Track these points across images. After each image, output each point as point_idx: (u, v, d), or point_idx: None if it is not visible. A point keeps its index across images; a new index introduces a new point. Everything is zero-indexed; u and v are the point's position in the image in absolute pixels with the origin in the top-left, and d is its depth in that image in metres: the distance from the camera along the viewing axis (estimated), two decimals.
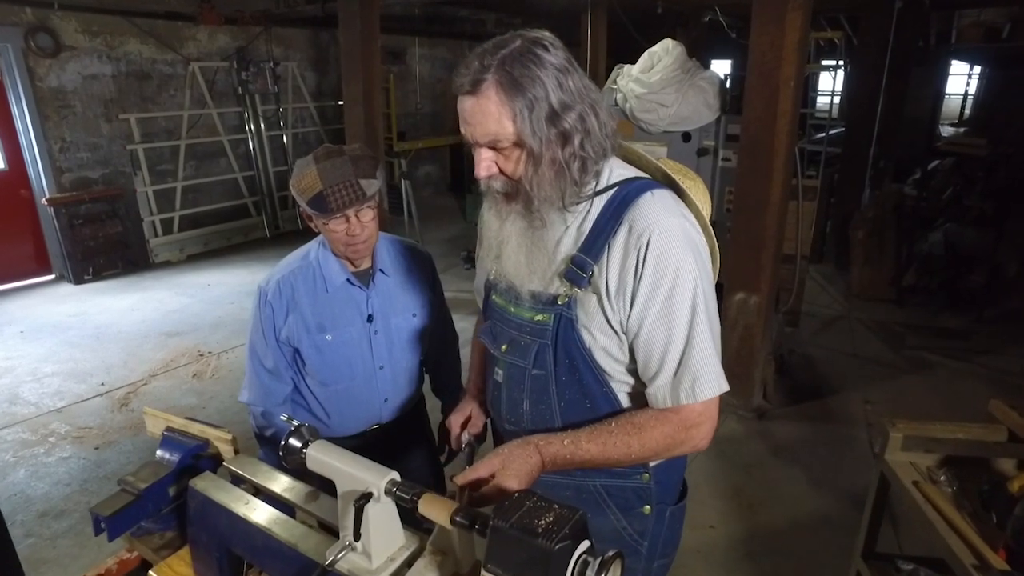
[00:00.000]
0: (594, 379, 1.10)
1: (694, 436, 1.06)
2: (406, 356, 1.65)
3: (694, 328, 1.03)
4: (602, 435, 1.04)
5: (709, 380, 1.04)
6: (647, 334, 1.05)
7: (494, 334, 1.23)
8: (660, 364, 1.05)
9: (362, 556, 1.00)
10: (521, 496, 0.83)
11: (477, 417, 1.32)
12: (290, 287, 1.54)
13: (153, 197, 6.42)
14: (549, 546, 0.75)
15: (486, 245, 1.17)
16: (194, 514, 1.25)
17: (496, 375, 1.22)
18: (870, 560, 1.76)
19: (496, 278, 1.22)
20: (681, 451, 1.07)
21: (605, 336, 1.08)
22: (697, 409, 1.05)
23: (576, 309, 1.08)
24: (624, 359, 1.10)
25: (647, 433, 1.04)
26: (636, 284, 1.03)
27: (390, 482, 0.96)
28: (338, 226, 1.45)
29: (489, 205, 1.12)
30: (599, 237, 1.06)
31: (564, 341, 1.09)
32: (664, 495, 1.21)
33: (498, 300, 1.22)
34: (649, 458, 1.07)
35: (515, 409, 1.19)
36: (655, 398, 1.07)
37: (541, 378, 1.13)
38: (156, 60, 6.32)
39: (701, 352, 1.03)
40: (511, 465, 0.98)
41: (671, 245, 1.02)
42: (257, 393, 1.58)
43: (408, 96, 9.21)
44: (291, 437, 1.06)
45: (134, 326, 4.88)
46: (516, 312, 1.17)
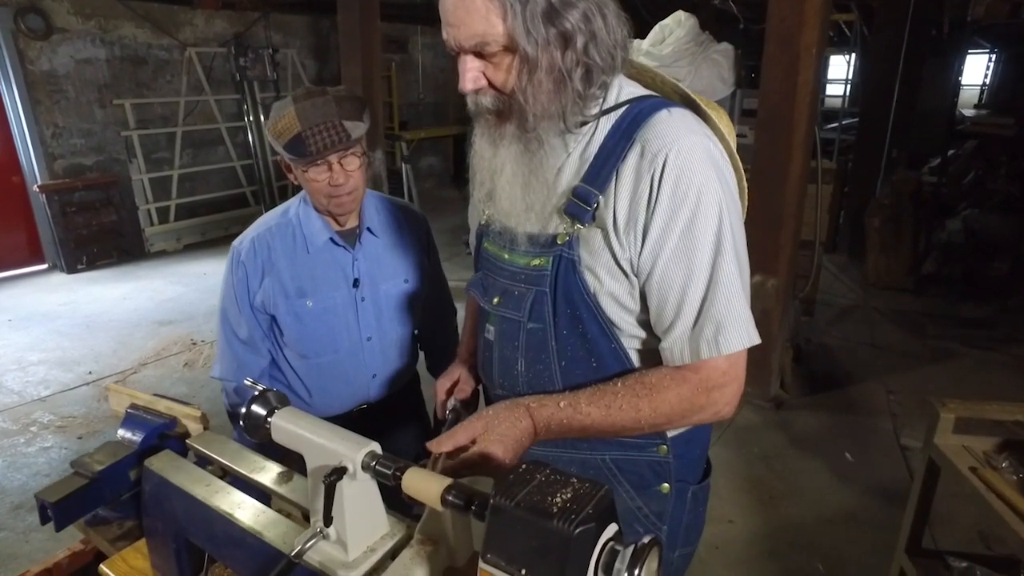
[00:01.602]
0: (600, 332, 0.93)
1: (716, 400, 0.88)
2: (396, 327, 1.48)
3: (719, 266, 0.86)
4: (605, 396, 0.87)
5: (736, 329, 0.86)
6: (662, 274, 0.87)
7: (485, 286, 1.06)
8: (677, 311, 0.87)
9: (336, 546, 0.83)
10: (529, 468, 0.66)
11: (466, 382, 1.14)
12: (266, 246, 1.37)
13: (149, 185, 6.27)
14: (567, 530, 0.57)
15: (478, 180, 1.00)
16: (149, 499, 1.08)
17: (487, 332, 1.05)
18: (915, 557, 1.57)
19: (489, 221, 1.05)
20: (700, 418, 0.90)
21: (613, 279, 0.90)
22: (720, 367, 0.87)
23: (578, 249, 0.91)
24: (635, 307, 0.92)
25: (660, 395, 0.86)
26: (650, 214, 0.86)
27: (368, 455, 0.79)
28: (319, 174, 1.28)
29: (480, 130, 0.95)
30: (606, 163, 0.89)
31: (565, 287, 0.92)
32: (685, 471, 1.03)
33: (490, 247, 1.06)
34: (661, 426, 0.89)
35: (508, 371, 1.02)
36: (671, 353, 0.89)
37: (538, 333, 0.96)
38: (151, 45, 6.16)
39: (727, 295, 0.85)
40: (496, 428, 0.81)
41: (692, 166, 0.85)
42: (230, 366, 1.41)
43: (410, 86, 9.04)
44: (254, 404, 0.89)
45: (126, 315, 4.73)
46: (510, 259, 1.00)
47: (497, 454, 0.79)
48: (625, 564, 0.58)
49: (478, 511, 0.69)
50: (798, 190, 3.16)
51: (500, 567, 0.61)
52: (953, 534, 2.35)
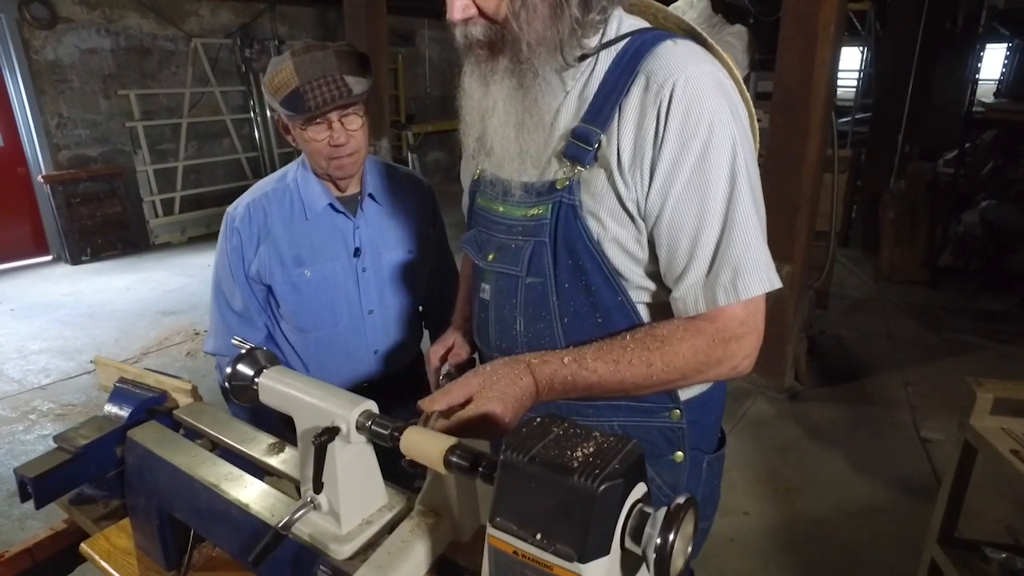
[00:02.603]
0: (605, 283, 0.85)
1: (734, 353, 0.80)
2: (400, 300, 1.40)
3: (734, 204, 0.78)
4: (613, 351, 0.79)
5: (756, 273, 0.78)
6: (672, 215, 0.79)
7: (479, 242, 0.98)
8: (689, 255, 0.80)
9: (328, 517, 0.75)
10: (544, 421, 0.58)
11: (461, 347, 1.07)
12: (262, 212, 1.29)
13: (153, 177, 6.23)
14: (590, 487, 0.49)
15: (467, 122, 0.91)
16: (132, 472, 1.01)
17: (482, 292, 0.97)
18: (949, 547, 1.48)
19: (480, 174, 0.98)
20: (717, 373, 0.82)
21: (617, 223, 0.83)
22: (738, 316, 0.79)
23: (579, 193, 0.83)
24: (643, 256, 0.85)
25: (673, 348, 0.78)
26: (657, 150, 0.78)
27: (363, 414, 0.71)
28: (319, 133, 1.21)
29: (470, 68, 0.87)
30: (608, 99, 0.82)
31: (566, 236, 0.84)
32: (700, 439, 0.96)
33: (483, 202, 0.98)
34: (675, 382, 0.81)
35: (506, 331, 0.94)
36: (683, 303, 0.82)
37: (538, 288, 0.88)
38: (157, 35, 6.12)
39: (744, 235, 0.78)
40: (495, 385, 0.74)
41: (702, 96, 0.77)
42: (224, 340, 1.33)
43: (417, 79, 8.97)
44: (240, 363, 0.81)
45: (129, 305, 4.69)
46: (505, 211, 0.92)
47: (496, 412, 0.71)
48: (657, 528, 0.50)
49: (486, 472, 0.61)
50: (815, 174, 3.06)
51: (511, 531, 0.53)
52: (979, 528, 2.25)
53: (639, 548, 0.52)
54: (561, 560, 0.50)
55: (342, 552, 0.72)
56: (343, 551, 0.72)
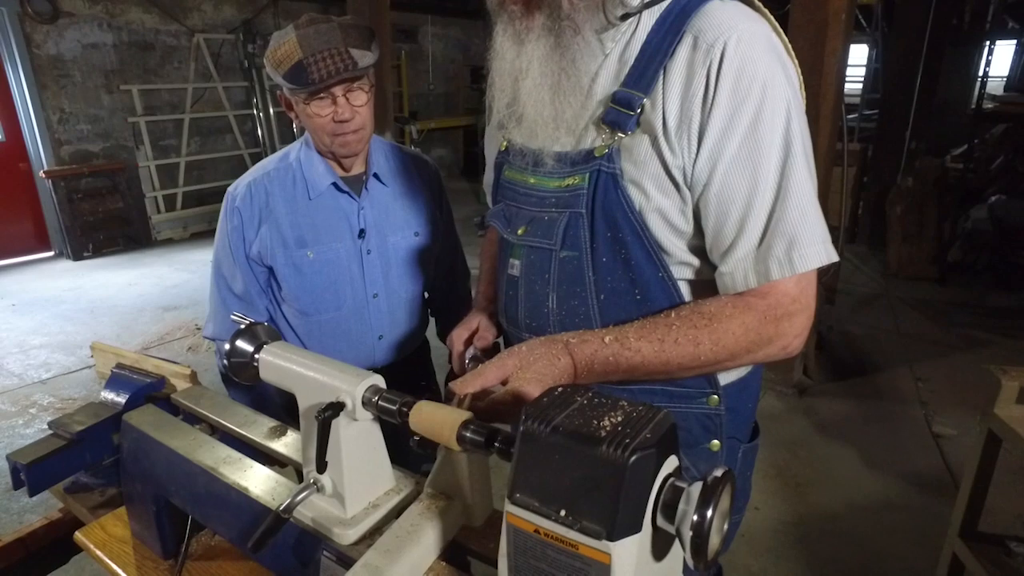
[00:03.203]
0: (646, 258, 0.80)
1: (785, 331, 0.75)
2: (406, 284, 1.36)
3: (789, 170, 0.73)
4: (658, 330, 0.74)
5: (812, 244, 0.73)
6: (722, 183, 0.75)
7: (508, 216, 0.93)
8: (740, 227, 0.75)
9: (332, 500, 0.71)
10: (568, 390, 0.54)
11: (486, 330, 1.01)
12: (263, 191, 1.25)
13: (156, 172, 6.20)
14: (620, 457, 0.45)
15: (498, 86, 0.87)
16: (128, 457, 0.97)
17: (511, 268, 0.92)
18: (971, 541, 1.44)
19: (509, 145, 0.93)
20: (767, 353, 0.77)
21: (662, 193, 0.78)
22: (790, 292, 0.75)
23: (620, 161, 0.79)
24: (687, 228, 0.80)
25: (722, 325, 0.74)
26: (706, 113, 0.74)
27: (370, 388, 0.67)
28: (322, 109, 1.17)
29: (503, 27, 0.83)
30: (651, 61, 0.77)
31: (605, 206, 0.80)
32: (736, 427, 0.91)
33: (511, 174, 0.93)
34: (723, 363, 0.76)
35: (537, 309, 0.89)
36: (732, 278, 0.77)
37: (573, 262, 0.84)
38: (159, 30, 6.09)
39: (800, 204, 0.73)
40: (532, 366, 0.69)
41: (755, 57, 0.73)
42: (223, 324, 1.29)
43: (420, 76, 8.93)
44: (240, 339, 0.77)
45: (131, 300, 4.65)
46: (536, 182, 0.88)
47: (533, 394, 0.66)
48: (693, 504, 0.46)
49: (502, 447, 0.57)
50: (825, 166, 3.01)
51: (532, 508, 0.48)
52: (998, 523, 2.20)
53: (672, 526, 0.48)
54: (588, 538, 0.46)
55: (347, 537, 0.68)
56: (348, 536, 0.68)
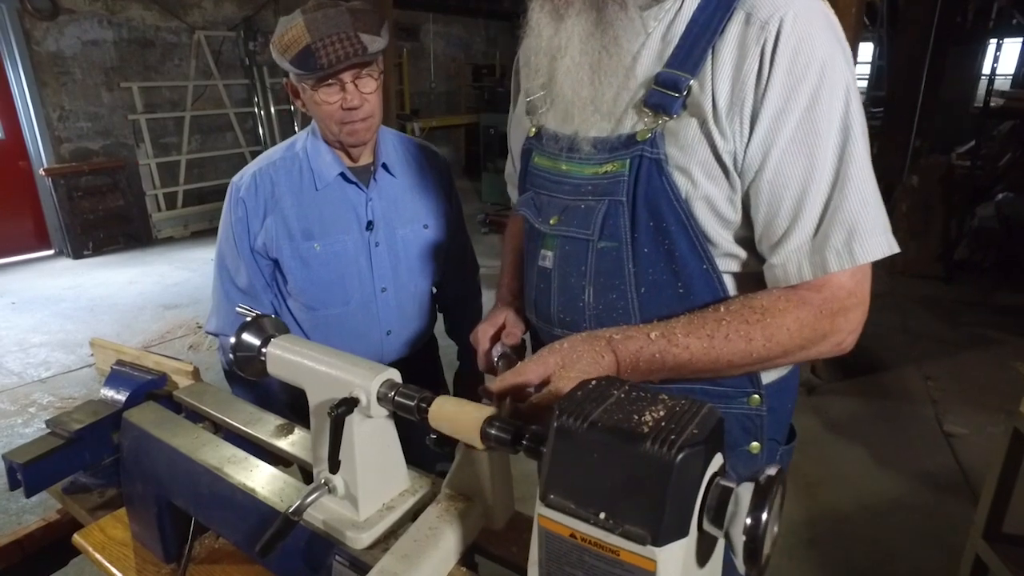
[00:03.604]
0: (691, 249, 0.76)
1: (840, 327, 0.72)
2: (415, 278, 1.32)
3: (848, 155, 0.69)
4: (707, 325, 0.70)
5: (874, 234, 0.70)
6: (776, 169, 0.71)
7: (538, 205, 0.89)
8: (794, 215, 0.71)
9: (344, 502, 0.68)
10: (603, 383, 0.50)
11: (513, 326, 0.95)
12: (268, 181, 1.22)
13: (156, 170, 6.15)
14: (666, 455, 0.41)
15: (532, 66, 0.84)
16: (128, 456, 0.94)
17: (542, 260, 0.88)
18: (995, 543, 1.40)
19: (539, 130, 0.89)
20: (819, 350, 0.73)
21: (709, 179, 0.74)
22: (846, 285, 0.71)
23: (665, 145, 0.75)
24: (735, 218, 0.76)
25: (776, 320, 0.69)
26: (759, 94, 0.70)
27: (386, 383, 0.63)
28: (331, 96, 1.13)
29: (539, 2, 0.79)
30: (698, 40, 0.73)
31: (648, 194, 0.75)
32: (775, 428, 0.87)
33: (542, 161, 0.89)
34: (774, 360, 0.72)
35: (572, 303, 0.85)
36: (784, 270, 0.73)
37: (612, 254, 0.79)
38: (159, 27, 6.05)
39: (861, 191, 0.69)
40: (575, 364, 0.65)
41: (812, 34, 0.69)
42: (227, 319, 1.26)
43: (421, 74, 8.89)
44: (246, 332, 0.74)
45: (131, 298, 4.62)
46: (569, 169, 0.84)
47: None
48: (745, 506, 0.42)
49: (530, 446, 0.53)
50: None
51: (568, 511, 0.45)
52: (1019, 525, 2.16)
53: (719, 529, 0.44)
54: (631, 543, 0.42)
55: (360, 541, 0.65)
56: (361, 539, 0.65)
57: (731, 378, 0.78)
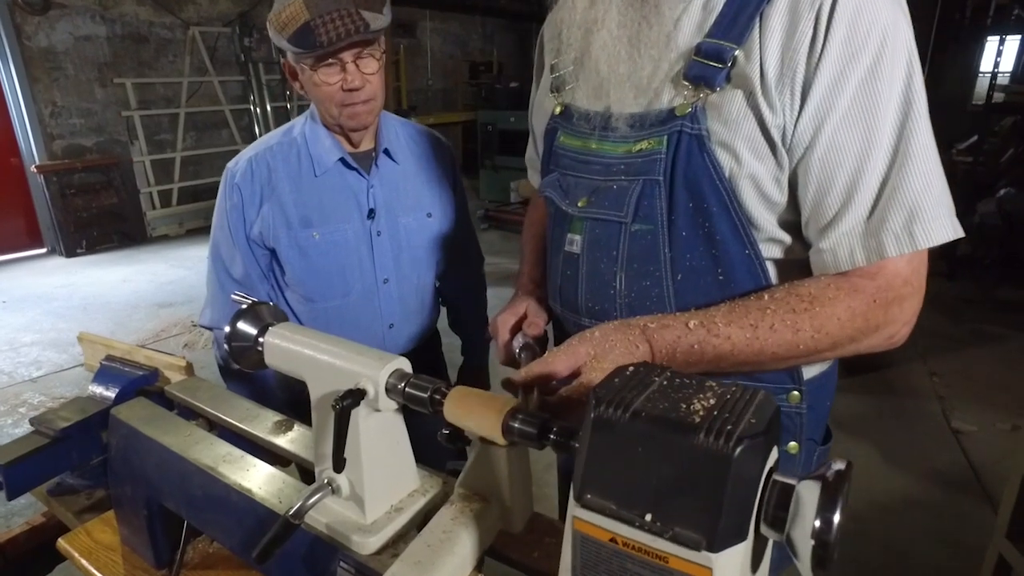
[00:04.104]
0: (733, 233, 0.71)
1: (895, 318, 0.66)
2: (419, 269, 1.27)
3: (910, 130, 0.64)
4: (750, 314, 0.65)
5: (938, 217, 0.64)
6: (829, 144, 0.65)
7: (565, 187, 0.84)
8: (847, 196, 0.66)
9: (349, 504, 0.62)
10: (641, 369, 0.45)
11: (535, 315, 0.89)
12: (265, 167, 1.16)
13: (151, 168, 6.08)
14: (723, 448, 0.36)
15: (564, 40, 0.79)
16: (116, 455, 0.88)
17: (569, 244, 0.83)
18: (1020, 543, 1.35)
19: (568, 108, 0.84)
20: (870, 343, 0.68)
21: (755, 156, 0.69)
22: (902, 272, 0.65)
23: (707, 120, 0.70)
24: (780, 199, 0.71)
25: (826, 310, 0.64)
26: (813, 64, 0.65)
27: (396, 374, 0.58)
28: (331, 76, 1.07)
29: None
30: (743, 8, 0.68)
31: (688, 173, 0.70)
32: (814, 428, 0.82)
33: (569, 140, 0.84)
34: (822, 353, 0.67)
35: (601, 291, 0.80)
36: (834, 256, 0.67)
37: (646, 237, 0.74)
38: (153, 23, 5.98)
39: (924, 170, 0.64)
40: (608, 355, 0.60)
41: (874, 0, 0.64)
42: (222, 311, 1.20)
43: (418, 71, 8.83)
44: (240, 320, 0.68)
45: (124, 297, 4.55)
46: (600, 148, 0.78)
47: None
48: (812, 506, 0.37)
49: (559, 440, 0.48)
50: None
51: (609, 512, 0.39)
52: None
53: (779, 533, 0.39)
54: (682, 549, 0.37)
55: (367, 545, 0.59)
56: (368, 544, 0.59)
57: (770, 372, 0.73)
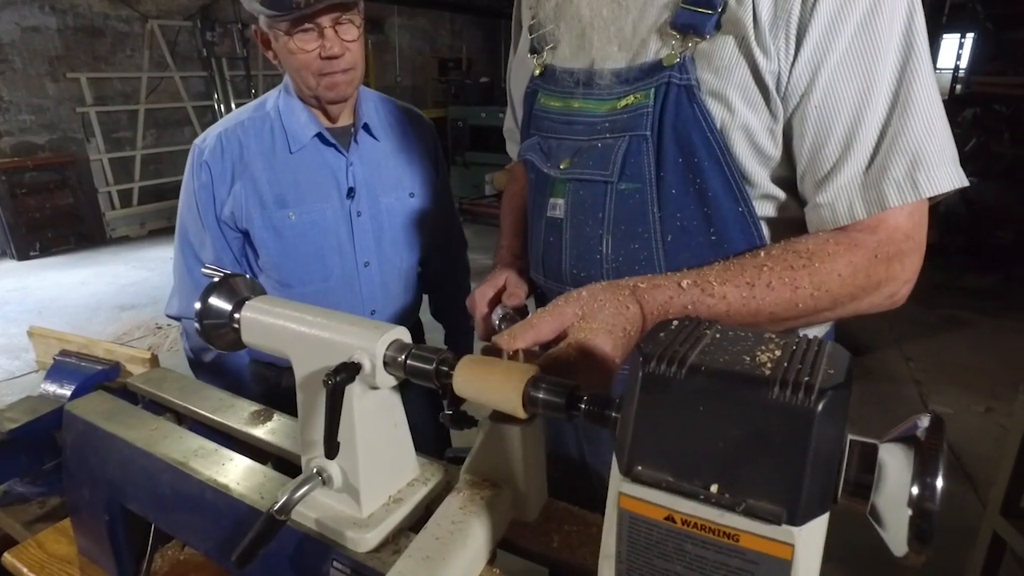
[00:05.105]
0: (725, 187, 0.66)
1: (896, 274, 0.62)
2: (400, 252, 1.20)
3: (911, 75, 0.60)
4: (747, 272, 0.60)
5: (942, 164, 0.60)
6: (825, 91, 0.61)
7: (546, 149, 0.79)
8: (845, 145, 0.62)
9: (343, 496, 0.55)
10: (688, 322, 0.39)
11: (516, 286, 0.84)
12: (236, 143, 1.08)
13: (109, 166, 5.83)
14: (803, 402, 0.31)
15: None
16: (72, 455, 0.79)
17: (552, 209, 0.78)
18: (1014, 519, 1.35)
19: (547, 69, 0.79)
20: (871, 302, 0.64)
21: (748, 106, 0.64)
22: (903, 226, 0.62)
23: (696, 70, 0.65)
24: (775, 152, 0.66)
25: (825, 266, 0.60)
26: (810, 4, 0.60)
27: (395, 345, 0.51)
28: (308, 43, 1.00)
29: None
30: None
31: (677, 126, 0.66)
32: None
33: (550, 101, 0.79)
34: (822, 313, 0.63)
35: (587, 256, 0.75)
36: (832, 210, 0.64)
37: (634, 197, 0.70)
38: (109, 15, 5.73)
39: (925, 115, 0.60)
40: (597, 315, 0.54)
41: None
42: (191, 298, 1.10)
43: (387, 68, 8.69)
44: (213, 294, 0.60)
45: (83, 300, 4.34)
46: (583, 107, 0.74)
47: (604, 349, 0.52)
48: (903, 472, 0.32)
49: (592, 409, 0.41)
50: None
51: (664, 486, 0.33)
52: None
53: (863, 501, 0.33)
54: (758, 523, 0.31)
55: (364, 542, 0.52)
56: (366, 540, 0.52)
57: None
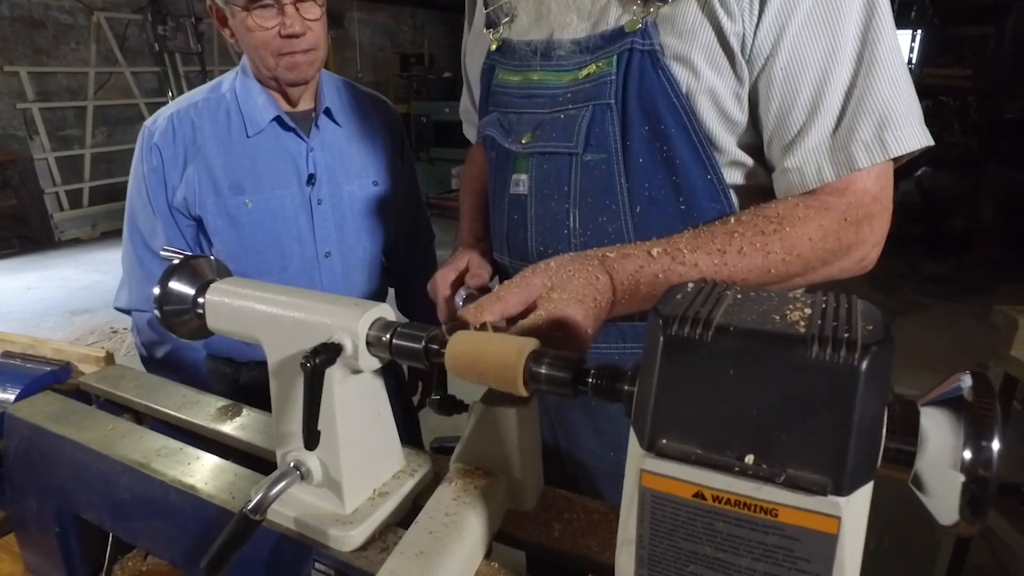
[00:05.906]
0: (693, 154, 0.64)
1: (865, 237, 0.61)
2: (363, 241, 1.14)
3: (875, 35, 0.59)
4: (717, 238, 0.58)
5: (908, 124, 0.59)
6: (790, 53, 0.60)
7: (507, 125, 0.76)
8: (811, 108, 0.60)
9: (323, 491, 0.51)
10: (705, 285, 0.36)
11: (479, 267, 0.80)
12: (189, 125, 1.01)
13: (55, 166, 5.55)
14: (846, 359, 0.28)
15: None
16: (15, 463, 0.72)
17: (515, 186, 0.75)
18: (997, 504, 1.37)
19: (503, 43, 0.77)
20: (842, 267, 0.63)
21: (713, 69, 0.62)
22: (870, 189, 0.61)
23: (659, 35, 0.63)
24: (741, 118, 0.65)
25: (796, 229, 0.58)
26: None
27: (378, 323, 0.47)
28: (267, 20, 0.94)
29: None
30: None
31: (642, 92, 0.64)
32: None
33: (509, 76, 0.76)
34: (793, 278, 0.61)
35: (553, 232, 0.72)
36: (800, 175, 0.62)
37: (600, 168, 0.67)
38: (49, 6, 5.45)
39: (891, 75, 0.59)
40: (567, 285, 0.52)
41: None
42: (140, 291, 1.03)
43: (347, 63, 8.51)
44: (173, 278, 0.55)
45: (30, 305, 4.13)
46: (543, 79, 0.71)
47: (576, 318, 0.49)
48: (958, 433, 0.29)
49: (601, 384, 0.38)
50: None
51: (693, 459, 0.30)
52: None
53: (906, 468, 0.31)
54: (800, 495, 0.28)
55: (348, 540, 0.48)
56: (350, 539, 0.48)
57: None
